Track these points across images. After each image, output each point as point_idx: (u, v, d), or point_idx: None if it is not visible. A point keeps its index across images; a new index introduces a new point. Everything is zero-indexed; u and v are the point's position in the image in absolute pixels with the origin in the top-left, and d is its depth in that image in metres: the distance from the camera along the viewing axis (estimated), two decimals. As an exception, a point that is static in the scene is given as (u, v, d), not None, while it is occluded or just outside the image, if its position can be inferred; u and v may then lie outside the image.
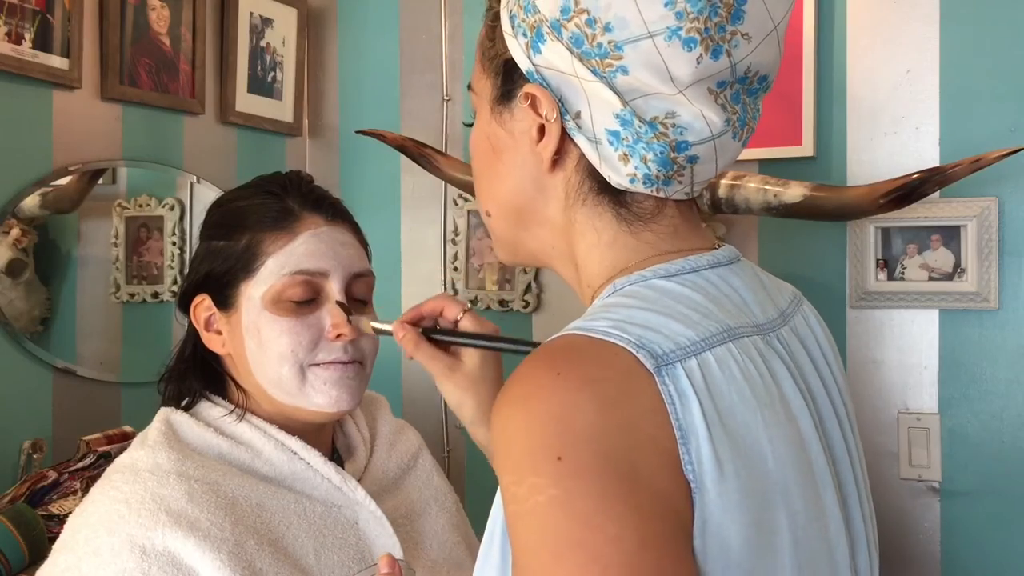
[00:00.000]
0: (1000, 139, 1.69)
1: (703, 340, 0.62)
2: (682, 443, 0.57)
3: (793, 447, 0.63)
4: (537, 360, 0.60)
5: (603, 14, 0.64)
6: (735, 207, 1.77)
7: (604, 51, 0.64)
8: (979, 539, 1.74)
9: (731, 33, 0.63)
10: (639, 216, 0.70)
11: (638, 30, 0.63)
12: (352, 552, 0.97)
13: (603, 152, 0.68)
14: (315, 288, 1.00)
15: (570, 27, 0.65)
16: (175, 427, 0.99)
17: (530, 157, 0.71)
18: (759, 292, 0.73)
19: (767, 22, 0.65)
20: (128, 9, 1.81)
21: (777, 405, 0.64)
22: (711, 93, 0.65)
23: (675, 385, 0.58)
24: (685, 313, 0.64)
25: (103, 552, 0.86)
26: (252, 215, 1.01)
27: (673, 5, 0.62)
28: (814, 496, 0.64)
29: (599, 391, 0.57)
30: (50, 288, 1.73)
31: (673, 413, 0.57)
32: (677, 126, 0.66)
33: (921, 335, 1.79)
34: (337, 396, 0.99)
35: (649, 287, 0.67)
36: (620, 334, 0.60)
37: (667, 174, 0.67)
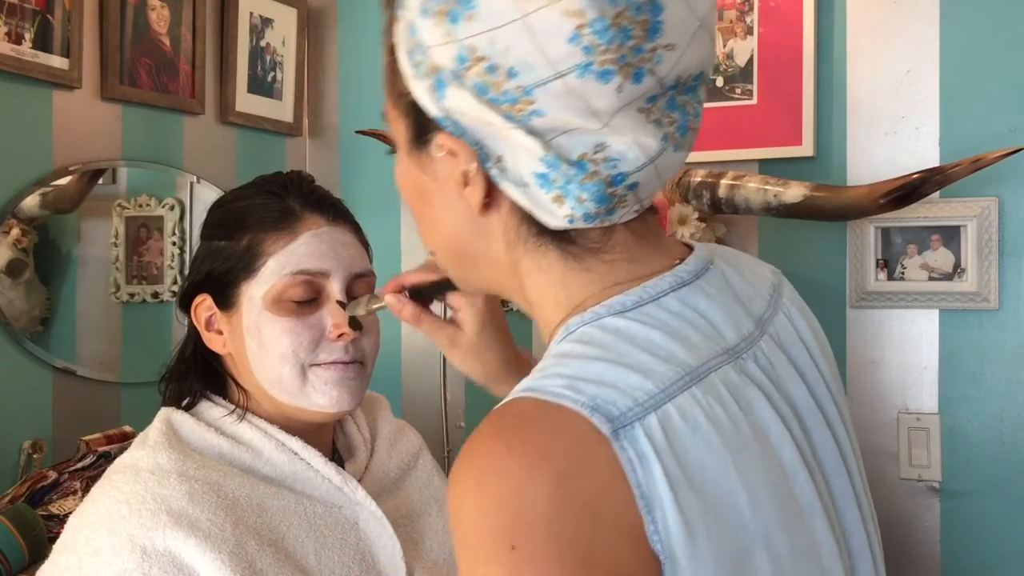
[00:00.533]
0: (1000, 139, 1.69)
1: (663, 391, 0.57)
2: (646, 512, 0.53)
3: (773, 486, 0.60)
4: (488, 433, 0.56)
5: (503, 59, 0.58)
6: (735, 207, 1.77)
7: (513, 97, 0.59)
8: (979, 539, 1.75)
9: (651, 50, 0.58)
10: (587, 249, 0.65)
11: (545, 72, 0.57)
12: (353, 552, 0.97)
13: (534, 196, 0.62)
14: (316, 288, 1.00)
15: (470, 76, 0.59)
16: (176, 427, 0.99)
17: (459, 200, 0.65)
18: (731, 306, 0.67)
19: (691, 21, 0.59)
20: (128, 9, 1.81)
21: (752, 445, 0.60)
22: (642, 112, 0.60)
23: (634, 448, 0.54)
24: (642, 361, 0.59)
25: (104, 552, 0.86)
26: (253, 215, 1.01)
27: (579, 40, 0.56)
28: (801, 530, 0.61)
29: (553, 467, 0.53)
30: (50, 288, 1.72)
31: (634, 480, 0.54)
32: (609, 159, 0.60)
33: (921, 335, 1.79)
34: (338, 396, 0.99)
35: (603, 327, 0.62)
36: (573, 395, 0.56)
37: (608, 207, 0.62)
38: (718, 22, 1.91)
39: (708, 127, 1.91)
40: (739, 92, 1.90)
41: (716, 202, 1.78)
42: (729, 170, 1.80)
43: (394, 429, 1.18)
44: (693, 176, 1.80)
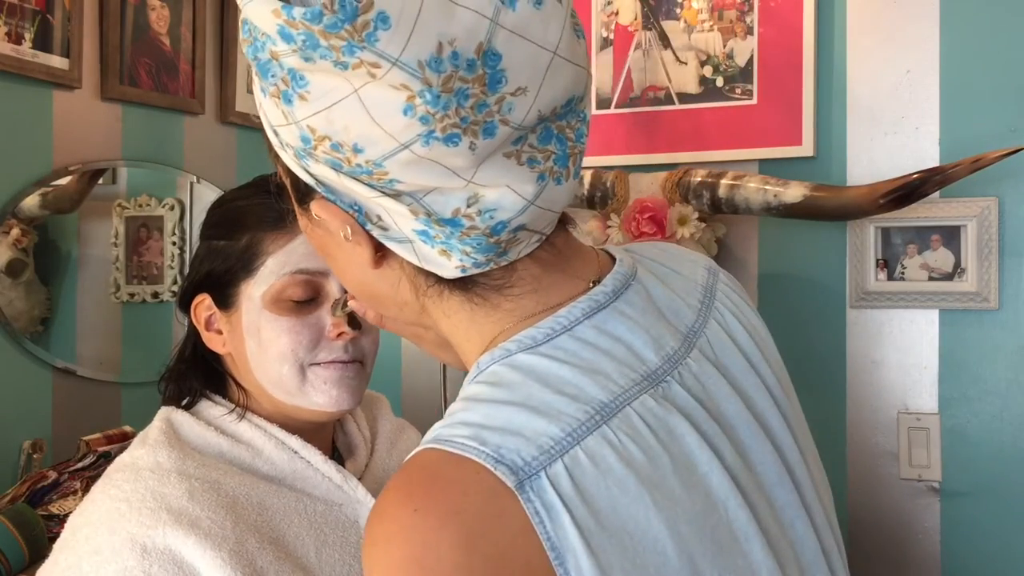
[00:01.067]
0: (1000, 139, 1.69)
1: (569, 435, 0.56)
2: (558, 564, 0.52)
3: (698, 517, 0.58)
4: (396, 492, 0.55)
5: (344, 137, 0.56)
6: (735, 207, 1.77)
7: (366, 170, 0.57)
8: (979, 539, 1.74)
9: (497, 102, 0.55)
10: (490, 287, 0.63)
11: (388, 145, 0.55)
12: (353, 551, 0.97)
13: (420, 251, 0.61)
14: (315, 287, 1.00)
15: (319, 154, 0.58)
16: (175, 426, 0.99)
17: (355, 254, 0.64)
18: (653, 324, 0.65)
19: (541, 56, 0.56)
20: (128, 9, 1.81)
21: (671, 478, 0.57)
22: (509, 156, 0.57)
23: (541, 500, 0.53)
24: (549, 402, 0.57)
25: (104, 551, 0.86)
26: (252, 215, 1.01)
27: (412, 111, 0.53)
28: (735, 557, 0.59)
29: (461, 525, 0.52)
30: (50, 288, 1.73)
31: (543, 531, 0.53)
32: (484, 211, 0.58)
33: (921, 335, 1.79)
34: (338, 395, 0.99)
35: (512, 365, 0.60)
36: (477, 447, 0.55)
37: (499, 251, 0.60)
38: (718, 22, 1.91)
39: (708, 127, 1.92)
40: (739, 92, 1.90)
41: (716, 202, 1.78)
42: (729, 170, 1.80)
43: (394, 428, 1.18)
44: (693, 176, 1.80)
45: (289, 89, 0.56)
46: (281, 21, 0.53)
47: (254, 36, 0.57)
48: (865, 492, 1.83)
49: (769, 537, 0.62)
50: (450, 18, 0.53)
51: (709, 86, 1.92)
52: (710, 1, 1.92)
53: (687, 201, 1.81)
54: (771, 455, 0.66)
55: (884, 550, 1.81)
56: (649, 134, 1.98)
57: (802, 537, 0.66)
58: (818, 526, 0.68)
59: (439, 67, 0.53)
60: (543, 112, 0.57)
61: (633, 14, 1.99)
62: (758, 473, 0.64)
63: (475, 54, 0.53)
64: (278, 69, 0.56)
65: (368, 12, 0.51)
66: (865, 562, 1.82)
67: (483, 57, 0.54)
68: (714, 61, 1.92)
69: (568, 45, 0.57)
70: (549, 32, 0.56)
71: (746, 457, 0.64)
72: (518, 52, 0.55)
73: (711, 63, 1.92)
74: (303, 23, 0.52)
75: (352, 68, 0.53)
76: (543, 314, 0.63)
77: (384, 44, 0.52)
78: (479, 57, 0.54)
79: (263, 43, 0.56)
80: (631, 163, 1.97)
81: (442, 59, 0.53)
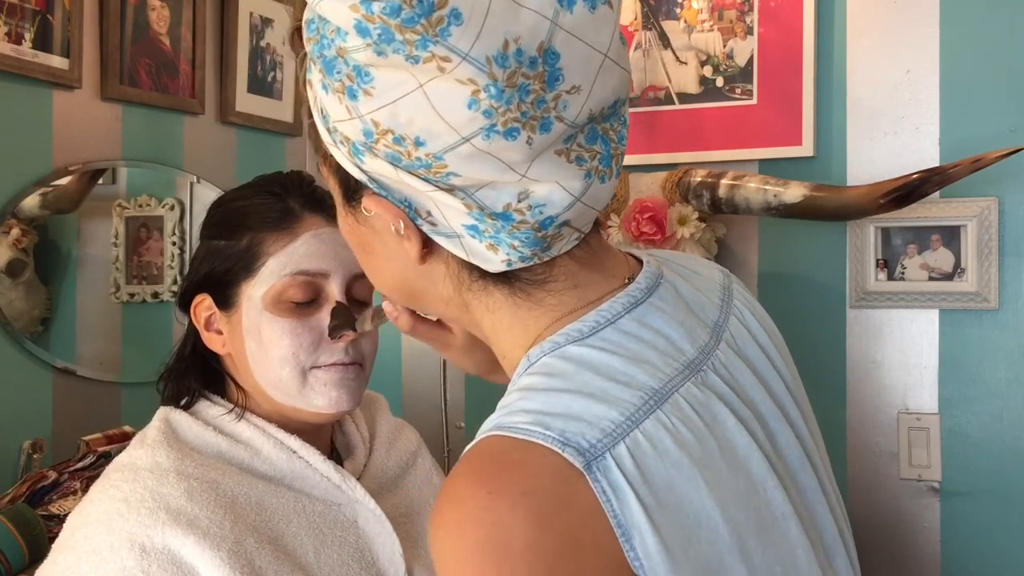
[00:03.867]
0: (1000, 139, 1.69)
1: (628, 419, 0.58)
2: (624, 540, 0.54)
3: (744, 497, 0.61)
4: (465, 476, 0.57)
5: (407, 130, 0.58)
6: (735, 207, 1.77)
7: (426, 163, 0.59)
8: (979, 539, 1.74)
9: (554, 99, 0.58)
10: (532, 283, 0.66)
11: (450, 138, 0.57)
12: (352, 550, 0.97)
13: (468, 246, 0.63)
14: (316, 289, 1.00)
15: (380, 148, 0.60)
16: (174, 426, 0.99)
17: (400, 250, 0.66)
18: (685, 318, 0.68)
19: (594, 58, 0.59)
20: (128, 9, 1.81)
21: (719, 460, 0.60)
22: (560, 154, 0.60)
23: (607, 479, 0.55)
24: (605, 389, 0.60)
25: (102, 550, 0.86)
26: (253, 215, 1.01)
27: (477, 105, 0.56)
28: (775, 535, 0.62)
29: (534, 505, 0.54)
30: (50, 288, 1.73)
31: (610, 510, 0.55)
32: (534, 206, 0.61)
33: (921, 335, 1.79)
34: (337, 397, 0.99)
35: (563, 356, 0.63)
36: (543, 432, 0.57)
37: (543, 247, 0.63)
38: (718, 22, 1.91)
39: (708, 127, 1.92)
40: (739, 92, 1.90)
41: (716, 202, 1.78)
42: (729, 170, 1.80)
43: (393, 428, 1.18)
44: (693, 176, 1.80)
45: (354, 85, 0.58)
46: (359, 15, 0.55)
47: (321, 34, 0.59)
48: (865, 492, 1.83)
49: (801, 518, 0.65)
50: (515, 17, 0.56)
51: (709, 86, 1.92)
52: (710, 1, 1.92)
53: (687, 201, 1.80)
54: (793, 441, 0.69)
55: (884, 550, 1.80)
56: (649, 134, 1.98)
57: (823, 520, 0.69)
58: (834, 510, 0.71)
59: (504, 63, 0.56)
60: (593, 111, 0.60)
61: (633, 14, 1.99)
62: (784, 458, 0.67)
63: (536, 52, 0.56)
64: (343, 66, 0.58)
65: (443, 8, 0.54)
66: (865, 562, 1.81)
67: (544, 55, 0.57)
68: (714, 61, 1.92)
69: (616, 48, 0.61)
70: (601, 35, 0.59)
71: (774, 442, 0.67)
72: (574, 52, 0.58)
73: (711, 63, 1.92)
74: (381, 17, 0.55)
75: (423, 62, 0.55)
76: (584, 309, 0.65)
77: (456, 39, 0.55)
78: (540, 55, 0.57)
79: (331, 40, 0.58)
80: (631, 163, 1.97)
81: (507, 55, 0.56)
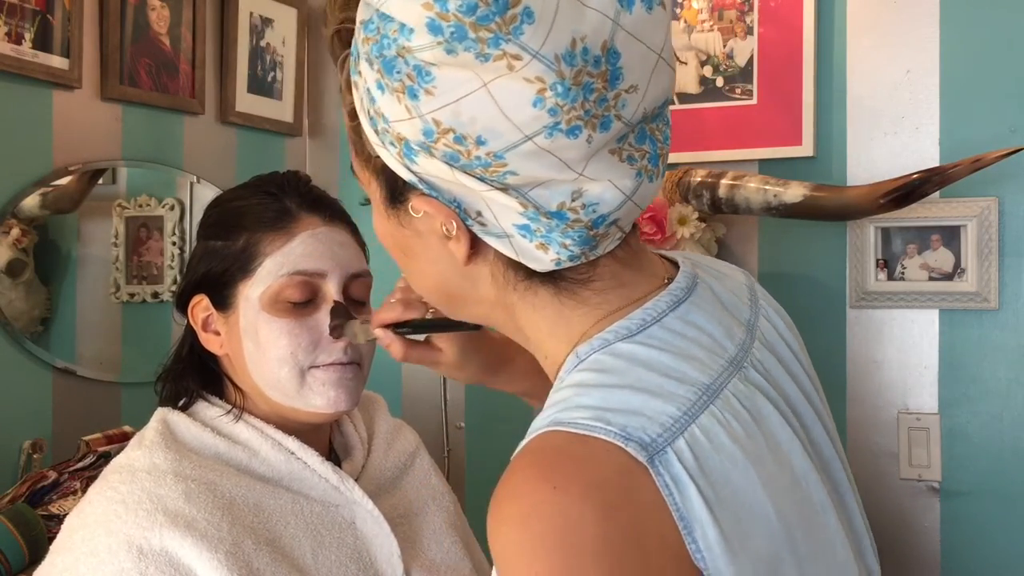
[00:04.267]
0: (1000, 139, 1.69)
1: (685, 414, 0.59)
2: (686, 533, 0.55)
3: (790, 490, 0.62)
4: (527, 471, 0.58)
5: (469, 129, 0.58)
6: (735, 207, 1.77)
7: (485, 162, 0.59)
8: (979, 539, 1.74)
9: (614, 97, 0.59)
10: (576, 282, 0.66)
11: (513, 136, 0.58)
12: (350, 552, 0.97)
13: (518, 245, 0.64)
14: (313, 289, 1.00)
15: (439, 147, 0.60)
16: (172, 427, 0.99)
17: (444, 251, 0.66)
18: (722, 316, 0.69)
19: (649, 57, 0.60)
20: (128, 9, 1.81)
21: (767, 455, 0.62)
22: (613, 153, 0.61)
23: (669, 473, 0.56)
24: (660, 384, 0.61)
25: (100, 552, 0.86)
26: (250, 215, 1.01)
27: (543, 104, 0.57)
28: (818, 528, 0.63)
29: (600, 498, 0.55)
30: (50, 288, 1.73)
31: (672, 504, 0.56)
32: (588, 205, 0.61)
33: (921, 335, 1.79)
34: (335, 397, 0.99)
35: (613, 353, 0.63)
36: (604, 427, 0.57)
37: (591, 246, 0.64)
38: (718, 22, 1.91)
39: (708, 127, 1.92)
40: (739, 92, 1.89)
41: (716, 202, 1.78)
42: (729, 170, 1.80)
43: (391, 428, 1.18)
44: (693, 176, 1.80)
45: (415, 84, 0.58)
46: (432, 14, 0.56)
47: (382, 33, 0.59)
48: (865, 492, 1.81)
49: (836, 510, 0.66)
50: (581, 16, 0.57)
51: (709, 86, 1.92)
52: (710, 1, 1.91)
53: (687, 201, 1.80)
54: (823, 434, 0.70)
55: (884, 550, 1.80)
56: (649, 134, 1.97)
57: (852, 512, 0.71)
58: (858, 503, 0.73)
59: (572, 61, 0.56)
60: (647, 111, 0.62)
61: (633, 14, 1.99)
62: (818, 451, 0.69)
63: (600, 51, 0.57)
64: (404, 65, 0.58)
65: (516, 7, 0.55)
66: (865, 562, 1.81)
67: (606, 54, 0.58)
68: (714, 61, 1.92)
69: (669, 49, 0.62)
70: (656, 36, 0.60)
71: (809, 435, 0.68)
72: (633, 52, 0.59)
73: (711, 63, 1.92)
74: (456, 15, 0.55)
75: (493, 60, 0.56)
76: (629, 307, 0.66)
77: (528, 37, 0.56)
78: (603, 54, 0.58)
79: (393, 39, 0.58)
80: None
81: (574, 54, 0.56)
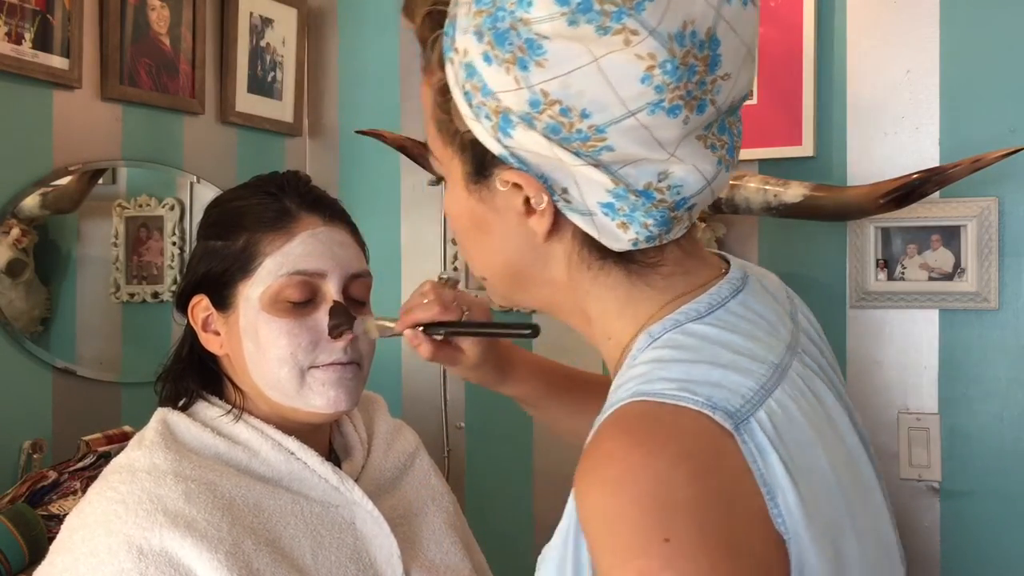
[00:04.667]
0: (1000, 139, 1.69)
1: (762, 388, 0.62)
2: (769, 498, 0.57)
3: (847, 467, 0.65)
4: (619, 436, 0.59)
5: (576, 102, 0.61)
6: (735, 207, 1.77)
7: (585, 135, 0.62)
8: (979, 539, 1.74)
9: (712, 82, 0.62)
10: (646, 265, 0.69)
11: (618, 111, 0.60)
12: (349, 552, 0.97)
13: (599, 223, 0.66)
14: (313, 289, 1.00)
15: (543, 118, 0.62)
16: (172, 427, 0.99)
17: (520, 229, 0.68)
18: (773, 305, 0.72)
19: (741, 49, 0.63)
20: (128, 9, 1.81)
21: (827, 430, 0.65)
22: (700, 139, 0.64)
23: (754, 441, 0.59)
24: (735, 360, 0.63)
25: (100, 552, 0.86)
26: (250, 215, 1.01)
27: (650, 80, 0.59)
28: (870, 504, 0.66)
29: (691, 464, 0.57)
30: (50, 288, 1.73)
31: (757, 470, 0.58)
32: (672, 186, 0.64)
33: (921, 335, 1.78)
34: (335, 397, 0.99)
35: (686, 333, 0.66)
36: (690, 396, 0.59)
37: (667, 229, 0.67)
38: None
39: (708, 127, 1.91)
40: (739, 92, 1.89)
41: (716, 202, 1.78)
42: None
43: (391, 429, 1.17)
44: (693, 176, 1.80)
45: (526, 56, 0.61)
46: None
47: (498, 6, 0.62)
48: (865, 492, 1.82)
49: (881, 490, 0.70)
50: (691, 1, 0.60)
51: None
52: (710, 1, 1.91)
53: (687, 201, 1.80)
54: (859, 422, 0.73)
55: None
56: (649, 134, 1.97)
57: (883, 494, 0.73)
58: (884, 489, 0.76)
59: (682, 42, 0.60)
60: (734, 100, 0.65)
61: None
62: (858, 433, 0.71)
63: (705, 36, 0.61)
64: (516, 38, 0.61)
65: None
66: (865, 562, 1.81)
67: (709, 40, 0.61)
68: (714, 61, 1.91)
69: (755, 46, 0.66)
70: (748, 30, 0.64)
71: (852, 419, 0.71)
72: (730, 42, 0.62)
73: (711, 63, 1.92)
74: None
75: (612, 34, 0.59)
76: (693, 292, 0.69)
77: (648, 14, 0.59)
78: (707, 39, 0.61)
79: (510, 12, 0.61)
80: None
81: (684, 35, 0.60)
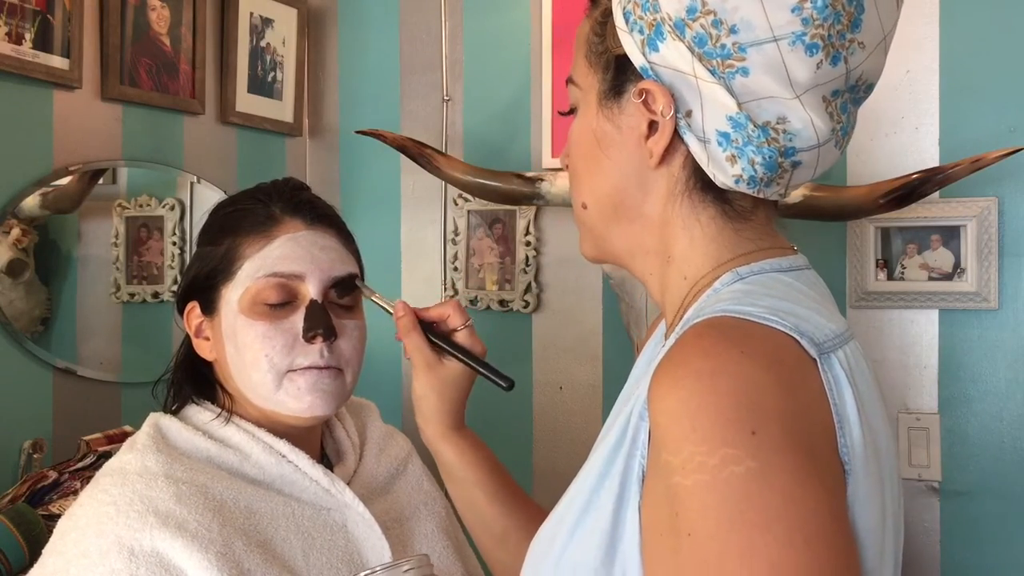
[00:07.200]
0: (1000, 139, 1.68)
1: (839, 336, 0.65)
2: (840, 428, 0.60)
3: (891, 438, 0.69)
4: (715, 336, 0.62)
5: (729, 16, 0.65)
6: (734, 207, 1.76)
7: (727, 52, 0.65)
8: (979, 539, 1.74)
9: (850, 41, 0.65)
10: (739, 213, 0.72)
11: (763, 33, 0.64)
12: (341, 554, 0.97)
13: (711, 152, 0.69)
14: (290, 291, 0.99)
15: (695, 27, 0.66)
16: (163, 431, 1.00)
17: (636, 152, 0.73)
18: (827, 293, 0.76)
19: (879, 32, 0.67)
20: (128, 9, 1.81)
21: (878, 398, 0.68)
22: (824, 101, 0.67)
23: (832, 372, 0.62)
24: (817, 308, 0.67)
25: (91, 554, 0.86)
26: (236, 220, 1.02)
27: (800, 11, 0.63)
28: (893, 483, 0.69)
29: (781, 374, 0.60)
30: (50, 288, 1.73)
31: (832, 399, 0.61)
32: (787, 132, 0.67)
33: (921, 335, 1.78)
34: (311, 402, 0.98)
35: (773, 279, 0.69)
36: (779, 320, 0.62)
37: (770, 177, 0.69)
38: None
39: (708, 127, 1.91)
40: (739, 92, 1.89)
41: (715, 202, 1.78)
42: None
43: (383, 434, 1.18)
44: (692, 176, 1.80)
45: None
46: None
47: None
48: (865, 492, 1.82)
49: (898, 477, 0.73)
50: None
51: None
52: (710, 0, 1.91)
53: (686, 201, 1.80)
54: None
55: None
56: (649, 134, 1.97)
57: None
58: None
59: None
60: (861, 77, 0.68)
61: (633, 13, 1.99)
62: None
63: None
64: None
65: None
66: (865, 562, 1.81)
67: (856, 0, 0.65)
68: (714, 60, 1.91)
69: (891, 39, 0.69)
70: (889, 18, 0.68)
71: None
72: (872, 16, 0.66)
73: (711, 62, 1.91)
74: None
75: None
76: (775, 251, 0.73)
77: None
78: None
79: None
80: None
81: None
